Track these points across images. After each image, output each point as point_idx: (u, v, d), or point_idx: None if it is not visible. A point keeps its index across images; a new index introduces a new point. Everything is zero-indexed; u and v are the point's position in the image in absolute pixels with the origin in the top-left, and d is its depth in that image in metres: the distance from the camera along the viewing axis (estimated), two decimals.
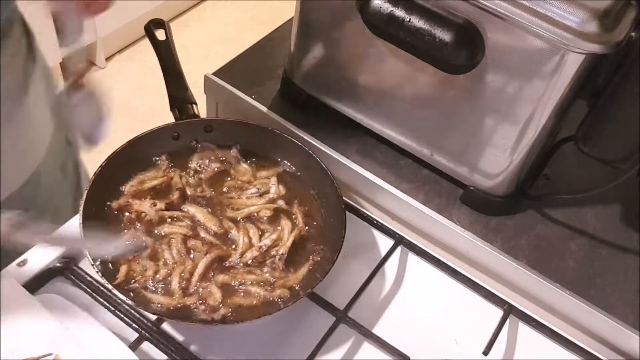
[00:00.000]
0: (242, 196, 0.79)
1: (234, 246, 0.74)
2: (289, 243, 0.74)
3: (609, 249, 0.82)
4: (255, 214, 0.77)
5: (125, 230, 0.74)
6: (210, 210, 0.77)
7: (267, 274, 0.72)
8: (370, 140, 0.88)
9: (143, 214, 0.75)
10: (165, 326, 0.70)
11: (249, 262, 0.72)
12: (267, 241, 0.74)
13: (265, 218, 0.77)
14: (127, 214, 0.75)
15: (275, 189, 0.79)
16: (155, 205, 0.75)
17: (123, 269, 0.70)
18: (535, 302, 0.80)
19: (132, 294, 0.68)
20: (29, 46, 0.80)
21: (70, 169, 0.92)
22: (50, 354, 0.62)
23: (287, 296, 0.70)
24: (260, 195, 0.79)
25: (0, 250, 0.78)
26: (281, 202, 0.78)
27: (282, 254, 0.73)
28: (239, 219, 0.76)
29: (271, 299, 0.70)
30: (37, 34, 0.80)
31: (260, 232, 0.75)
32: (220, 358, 0.69)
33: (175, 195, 0.76)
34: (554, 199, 0.86)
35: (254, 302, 0.70)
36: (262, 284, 0.71)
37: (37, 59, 0.82)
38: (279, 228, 0.76)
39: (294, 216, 0.78)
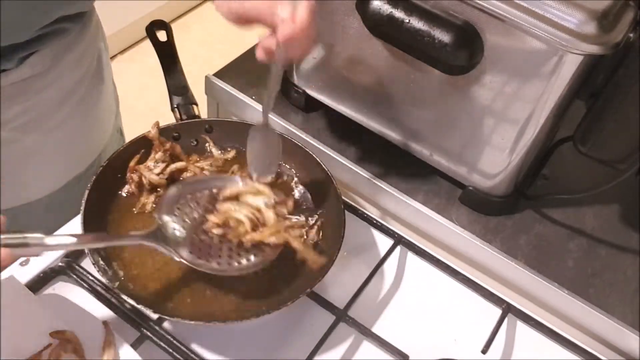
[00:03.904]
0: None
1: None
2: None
3: (607, 249, 0.83)
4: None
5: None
6: None
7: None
8: (370, 140, 0.89)
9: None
10: (167, 325, 0.70)
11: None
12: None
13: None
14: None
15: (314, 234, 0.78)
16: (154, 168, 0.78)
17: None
18: (534, 302, 0.80)
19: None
20: (102, 34, 0.86)
21: None
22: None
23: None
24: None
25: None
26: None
27: None
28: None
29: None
30: None
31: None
32: (221, 356, 0.70)
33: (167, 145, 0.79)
34: (553, 199, 0.86)
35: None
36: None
37: (106, 48, 0.88)
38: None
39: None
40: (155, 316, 0.69)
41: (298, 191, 0.82)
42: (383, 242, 0.83)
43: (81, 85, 0.81)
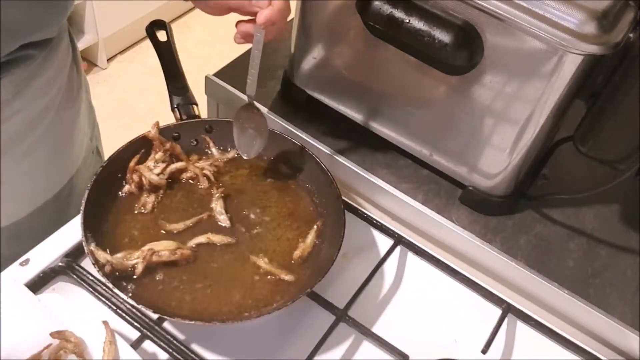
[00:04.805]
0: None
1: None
2: None
3: (607, 249, 0.83)
4: None
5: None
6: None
7: None
8: (370, 140, 0.89)
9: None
10: (167, 325, 0.70)
11: None
12: None
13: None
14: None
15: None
16: (155, 168, 0.79)
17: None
18: (534, 302, 0.80)
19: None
20: (74, 58, 0.83)
21: None
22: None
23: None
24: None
25: (1, 252, 0.79)
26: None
27: None
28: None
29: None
30: None
31: None
32: (221, 356, 0.70)
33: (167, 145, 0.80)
34: (553, 199, 0.86)
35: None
36: None
37: (79, 71, 0.86)
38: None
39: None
40: (155, 316, 0.69)
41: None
42: (383, 242, 0.83)
43: (49, 112, 0.78)
